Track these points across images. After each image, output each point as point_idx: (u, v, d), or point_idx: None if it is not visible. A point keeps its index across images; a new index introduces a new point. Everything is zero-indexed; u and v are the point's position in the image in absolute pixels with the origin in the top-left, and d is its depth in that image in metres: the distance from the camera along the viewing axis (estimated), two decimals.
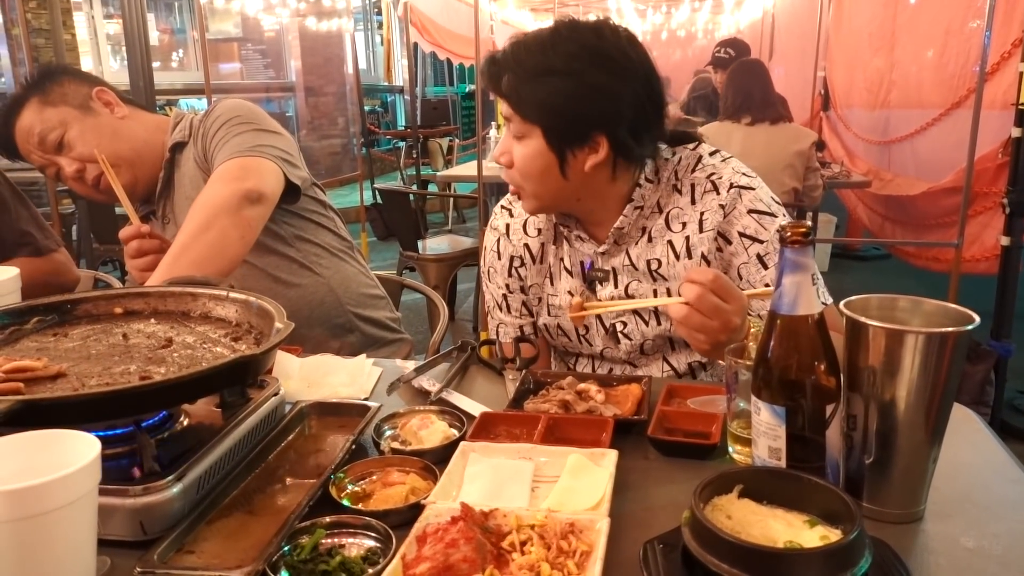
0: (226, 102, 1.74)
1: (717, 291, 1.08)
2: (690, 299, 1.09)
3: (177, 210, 1.77)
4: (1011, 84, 3.33)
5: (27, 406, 0.80)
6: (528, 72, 1.26)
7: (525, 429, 1.07)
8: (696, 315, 1.09)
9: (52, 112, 1.68)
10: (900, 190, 5.17)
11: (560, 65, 1.25)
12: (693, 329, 1.10)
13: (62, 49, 4.07)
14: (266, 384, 1.11)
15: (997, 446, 1.06)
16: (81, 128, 1.68)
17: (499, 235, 1.52)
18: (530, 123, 1.28)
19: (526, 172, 1.31)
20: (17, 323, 1.16)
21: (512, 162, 1.32)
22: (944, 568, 0.80)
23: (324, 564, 0.79)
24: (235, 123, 1.65)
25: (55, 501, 0.67)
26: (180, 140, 1.75)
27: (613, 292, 1.40)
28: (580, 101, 1.25)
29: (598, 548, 0.78)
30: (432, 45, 8.58)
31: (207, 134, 1.67)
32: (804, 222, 0.85)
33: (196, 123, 1.75)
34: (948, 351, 0.82)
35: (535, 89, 1.26)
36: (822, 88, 6.64)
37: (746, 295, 1.13)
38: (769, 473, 0.84)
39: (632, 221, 1.37)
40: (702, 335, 1.10)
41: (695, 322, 1.09)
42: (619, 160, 1.31)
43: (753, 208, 1.32)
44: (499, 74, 1.29)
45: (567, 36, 1.27)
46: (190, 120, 1.78)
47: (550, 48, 1.26)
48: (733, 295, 1.10)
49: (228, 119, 1.66)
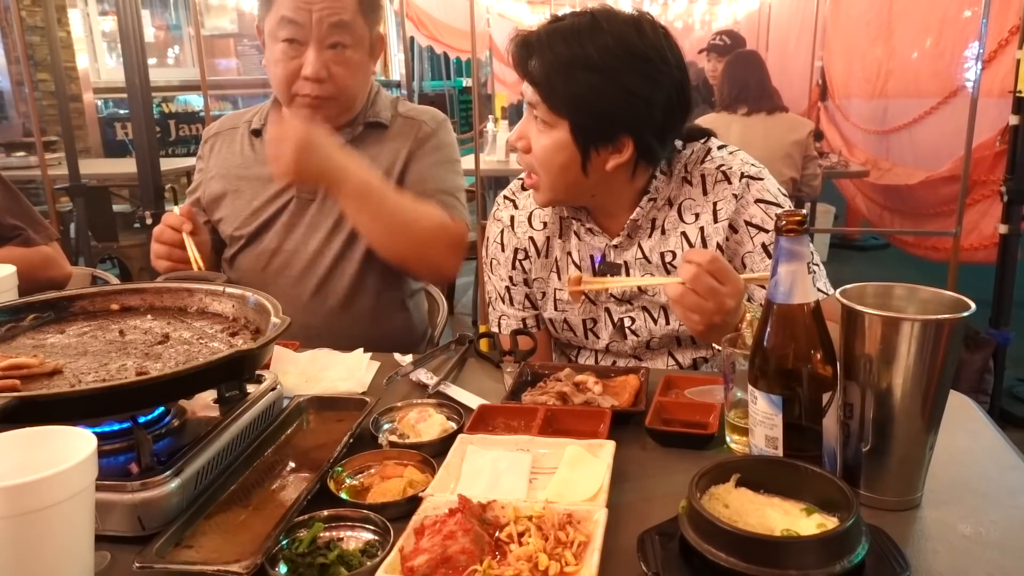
0: (448, 131, 1.75)
1: (714, 272, 1.08)
2: (686, 279, 1.09)
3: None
4: (1008, 71, 3.32)
5: (24, 403, 0.80)
6: (563, 62, 1.22)
7: (523, 421, 1.07)
8: (691, 295, 1.09)
9: (360, 18, 1.57)
10: (898, 179, 5.17)
11: (597, 60, 1.20)
12: (688, 309, 1.10)
13: (57, 46, 4.04)
14: (263, 379, 1.12)
15: (995, 433, 1.06)
16: (361, 55, 1.61)
17: (503, 226, 1.50)
18: (558, 115, 1.24)
19: (546, 163, 1.28)
20: (13, 320, 1.16)
21: (529, 147, 1.29)
22: (941, 555, 0.80)
23: (322, 557, 0.79)
24: (451, 166, 1.72)
25: (52, 497, 0.67)
26: (381, 121, 1.69)
27: (626, 286, 1.39)
28: (613, 101, 1.22)
29: (596, 539, 0.78)
30: (429, 39, 8.56)
31: (430, 149, 1.68)
32: (799, 211, 0.85)
33: (405, 120, 1.70)
34: (944, 338, 0.82)
35: (568, 82, 1.22)
36: (820, 78, 6.63)
37: (743, 279, 1.13)
38: (766, 462, 0.84)
39: (645, 213, 1.36)
40: (696, 316, 1.10)
41: (690, 302, 1.09)
42: (640, 161, 1.30)
43: (760, 198, 1.31)
44: (528, 57, 1.25)
45: (606, 28, 1.21)
46: (391, 102, 1.73)
47: (588, 39, 1.21)
48: (730, 277, 1.10)
49: (449, 160, 1.72)
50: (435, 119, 1.74)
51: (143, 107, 3.66)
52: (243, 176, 1.71)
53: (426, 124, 1.71)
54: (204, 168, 1.78)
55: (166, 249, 1.51)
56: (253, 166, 1.70)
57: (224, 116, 1.85)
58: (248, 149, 1.73)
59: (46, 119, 6.17)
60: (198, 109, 7.32)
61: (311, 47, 1.54)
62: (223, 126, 1.80)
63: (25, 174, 4.53)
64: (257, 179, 1.69)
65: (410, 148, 1.67)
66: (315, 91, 1.56)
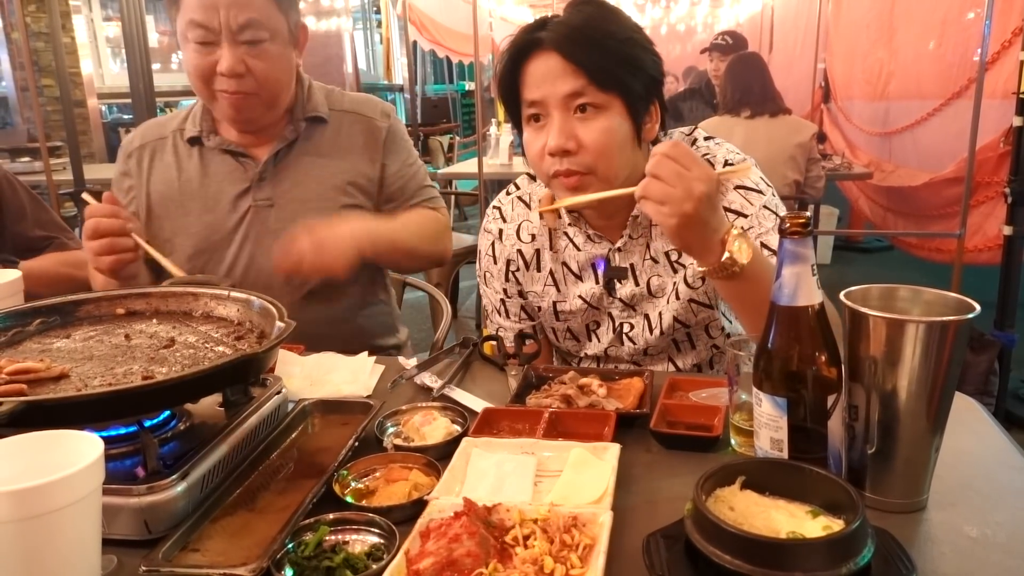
0: (398, 120, 1.76)
1: (677, 157, 1.04)
2: (648, 167, 1.05)
3: (284, 190, 1.63)
4: (1011, 73, 3.32)
5: (31, 407, 0.81)
6: (604, 35, 1.22)
7: (527, 424, 1.07)
8: (656, 183, 1.04)
9: (274, 10, 1.53)
10: (902, 181, 5.17)
11: (627, 27, 1.25)
12: (656, 201, 1.05)
13: (62, 52, 4.05)
14: (269, 383, 1.12)
15: (1000, 435, 1.06)
16: (280, 47, 1.56)
17: (493, 238, 1.49)
18: (608, 93, 1.22)
19: (606, 149, 1.23)
20: (20, 325, 1.16)
21: (579, 146, 1.23)
22: (947, 557, 0.80)
23: (328, 560, 0.79)
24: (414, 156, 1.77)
25: (59, 501, 0.67)
26: (321, 115, 1.66)
27: (634, 290, 1.37)
28: (646, 63, 1.25)
29: (601, 541, 0.78)
30: (431, 43, 8.58)
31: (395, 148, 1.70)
32: (803, 213, 0.85)
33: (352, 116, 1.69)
34: (949, 340, 0.82)
35: (614, 55, 1.22)
36: (822, 80, 6.63)
37: (716, 173, 1.08)
38: (771, 464, 0.84)
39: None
40: (666, 207, 1.04)
41: (655, 191, 1.05)
42: (660, 132, 1.32)
43: (740, 184, 1.31)
44: (570, 46, 1.21)
45: (609, 7, 1.27)
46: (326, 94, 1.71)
47: (610, 14, 1.25)
48: (696, 162, 1.05)
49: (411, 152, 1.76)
50: (384, 112, 1.72)
51: (147, 112, 3.67)
52: (187, 191, 1.63)
53: (376, 120, 1.70)
54: (135, 184, 1.67)
55: (107, 242, 1.39)
56: (197, 178, 1.63)
57: (142, 127, 1.75)
58: (187, 160, 1.65)
59: (50, 124, 6.19)
60: None
61: (224, 46, 1.49)
62: (146, 138, 1.70)
63: (30, 179, 4.53)
64: (204, 193, 1.63)
65: (380, 152, 1.68)
66: (233, 86, 1.52)
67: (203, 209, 1.63)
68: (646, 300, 1.38)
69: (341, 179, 1.64)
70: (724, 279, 1.10)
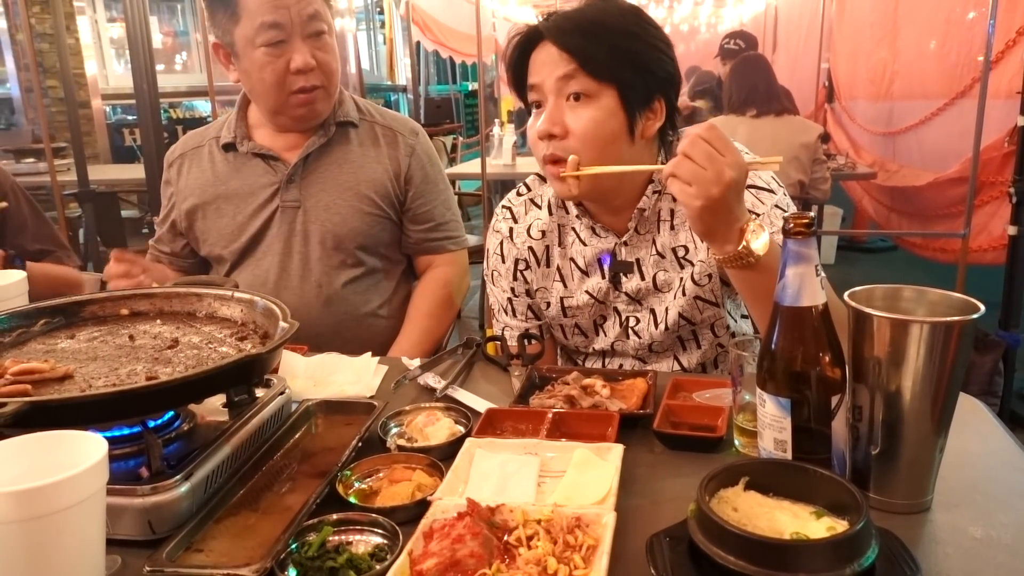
0: (427, 141, 1.81)
1: (711, 140, 1.03)
2: (681, 147, 1.04)
3: (310, 193, 1.68)
4: (1016, 72, 3.31)
5: (35, 407, 0.81)
6: (597, 27, 1.23)
7: (531, 424, 1.07)
8: (687, 163, 1.03)
9: (324, 4, 1.62)
10: (906, 181, 5.15)
11: (627, 22, 1.25)
12: (684, 181, 1.04)
13: (66, 53, 4.07)
14: (272, 383, 1.12)
15: (1005, 436, 1.06)
16: (333, 40, 1.65)
17: (502, 238, 1.49)
18: (601, 82, 1.23)
19: (593, 138, 1.24)
20: (24, 325, 1.16)
21: (566, 132, 1.24)
22: (952, 558, 0.80)
23: (332, 561, 0.79)
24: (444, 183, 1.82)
25: (63, 501, 0.67)
26: (351, 120, 1.72)
27: (640, 284, 1.37)
28: (649, 59, 1.25)
29: (604, 542, 0.78)
30: (434, 43, 8.58)
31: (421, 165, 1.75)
32: (806, 213, 0.85)
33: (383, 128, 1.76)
34: (953, 340, 0.82)
35: (608, 45, 1.23)
36: (826, 80, 6.62)
37: (748, 161, 1.07)
38: (775, 465, 0.84)
39: (652, 205, 1.35)
40: (693, 188, 1.03)
41: (685, 171, 1.03)
42: (667, 126, 1.32)
43: (751, 184, 1.31)
44: (560, 32, 1.24)
45: (614, 1, 1.28)
46: (356, 103, 1.77)
47: (613, 8, 1.26)
48: (730, 148, 1.05)
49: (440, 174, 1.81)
50: (413, 131, 1.78)
51: (151, 113, 3.68)
52: (221, 194, 1.70)
53: (405, 136, 1.75)
54: (175, 191, 1.76)
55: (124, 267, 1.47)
56: (230, 181, 1.70)
57: (184, 137, 1.83)
58: (222, 165, 1.72)
59: (55, 125, 6.22)
60: (206, 115, 7.36)
61: (295, 41, 1.56)
62: (186, 147, 1.79)
63: (34, 180, 4.56)
64: (236, 194, 1.69)
65: (405, 167, 1.73)
66: (309, 81, 1.59)
67: (235, 211, 1.70)
68: (652, 295, 1.38)
69: (365, 187, 1.69)
70: (738, 268, 1.10)
